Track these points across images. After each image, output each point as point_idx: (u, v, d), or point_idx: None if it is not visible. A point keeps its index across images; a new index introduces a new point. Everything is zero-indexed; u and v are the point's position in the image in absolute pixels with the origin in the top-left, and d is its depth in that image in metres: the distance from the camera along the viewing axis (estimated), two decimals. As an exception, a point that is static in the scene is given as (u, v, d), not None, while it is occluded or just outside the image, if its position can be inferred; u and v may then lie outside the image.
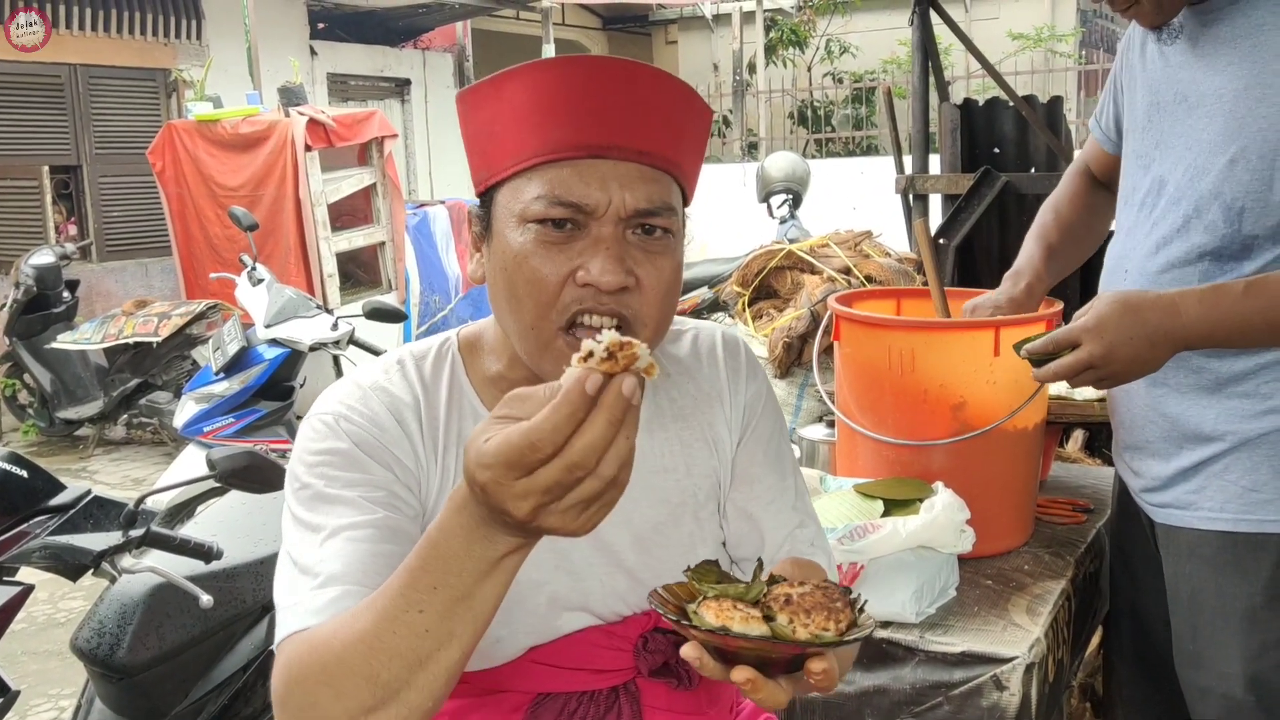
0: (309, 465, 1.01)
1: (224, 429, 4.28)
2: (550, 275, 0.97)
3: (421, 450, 1.05)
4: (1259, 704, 1.48)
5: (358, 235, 7.63)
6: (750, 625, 0.86)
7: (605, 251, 0.97)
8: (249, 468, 1.91)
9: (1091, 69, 12.18)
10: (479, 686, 1.09)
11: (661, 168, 1.01)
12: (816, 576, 1.06)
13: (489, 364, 1.10)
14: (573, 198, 0.97)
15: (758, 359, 1.23)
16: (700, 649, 0.86)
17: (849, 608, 0.89)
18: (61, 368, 6.56)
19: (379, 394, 1.06)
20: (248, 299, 4.60)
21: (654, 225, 1.00)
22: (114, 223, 8.62)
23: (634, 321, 0.99)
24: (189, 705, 2.11)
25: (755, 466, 1.19)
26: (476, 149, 1.03)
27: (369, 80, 11.13)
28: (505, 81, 1.00)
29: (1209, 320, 1.42)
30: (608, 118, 0.98)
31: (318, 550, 0.95)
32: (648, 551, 1.10)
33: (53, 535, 1.82)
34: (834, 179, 10.41)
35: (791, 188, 6.14)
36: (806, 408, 2.79)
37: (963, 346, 1.75)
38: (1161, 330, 1.42)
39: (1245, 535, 1.49)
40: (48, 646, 3.98)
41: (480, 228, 1.05)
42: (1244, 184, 1.45)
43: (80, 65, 8.31)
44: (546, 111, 0.98)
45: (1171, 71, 1.56)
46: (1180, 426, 1.55)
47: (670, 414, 1.16)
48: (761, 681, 0.85)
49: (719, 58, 14.90)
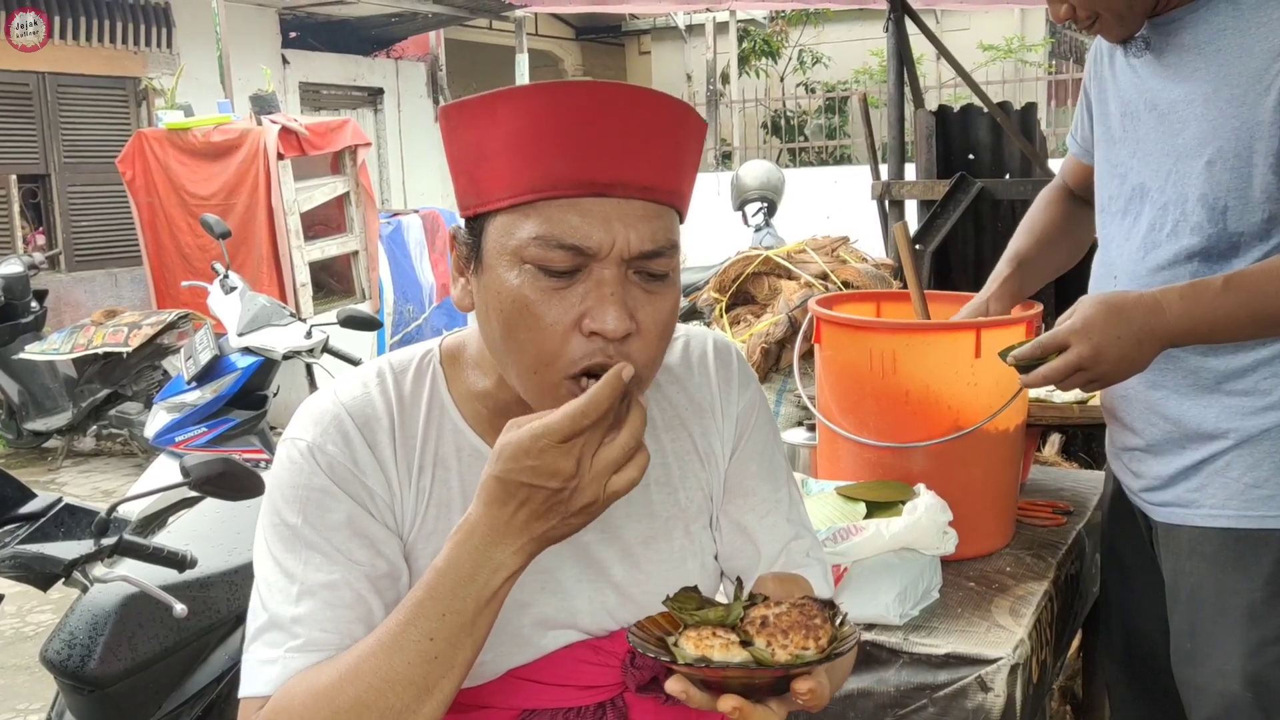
0: (287, 500, 1.00)
1: (196, 439, 4.23)
2: (554, 324, 0.92)
3: (395, 476, 1.03)
4: (1256, 701, 1.49)
5: (331, 244, 7.57)
6: (730, 652, 0.85)
7: (611, 298, 0.92)
8: (224, 474, 1.87)
9: (1061, 79, 12.30)
10: (462, 703, 1.06)
11: (664, 201, 0.96)
12: (799, 590, 1.04)
13: (473, 379, 1.07)
14: (574, 240, 0.91)
15: (750, 367, 1.21)
16: (685, 682, 0.86)
17: (828, 623, 0.88)
18: (29, 378, 6.47)
19: (354, 415, 1.03)
20: (220, 307, 4.55)
21: (657, 270, 0.96)
22: (83, 232, 8.52)
23: (639, 370, 0.94)
24: (162, 717, 2.07)
25: (749, 479, 1.16)
26: (463, 170, 0.97)
27: (341, 89, 11.07)
28: (499, 102, 0.93)
29: (1192, 316, 1.43)
30: (610, 152, 0.92)
31: (293, 606, 0.96)
32: (637, 566, 1.08)
33: (22, 544, 1.78)
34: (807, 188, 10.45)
35: (767, 196, 6.14)
36: (785, 413, 2.79)
37: (944, 349, 1.75)
38: (1147, 328, 1.43)
39: (1247, 531, 1.50)
40: (15, 660, 3.91)
41: (467, 253, 0.99)
42: (1225, 183, 1.47)
43: (49, 73, 8.21)
44: (544, 142, 0.91)
45: (1140, 81, 1.59)
46: (1182, 426, 1.56)
47: (662, 425, 1.13)
48: (749, 708, 0.85)
49: (692, 68, 14.94)
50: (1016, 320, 1.77)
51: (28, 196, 8.24)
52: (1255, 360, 1.49)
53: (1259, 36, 1.44)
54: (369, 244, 7.76)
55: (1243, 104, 1.44)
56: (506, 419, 0.95)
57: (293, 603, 0.96)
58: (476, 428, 1.06)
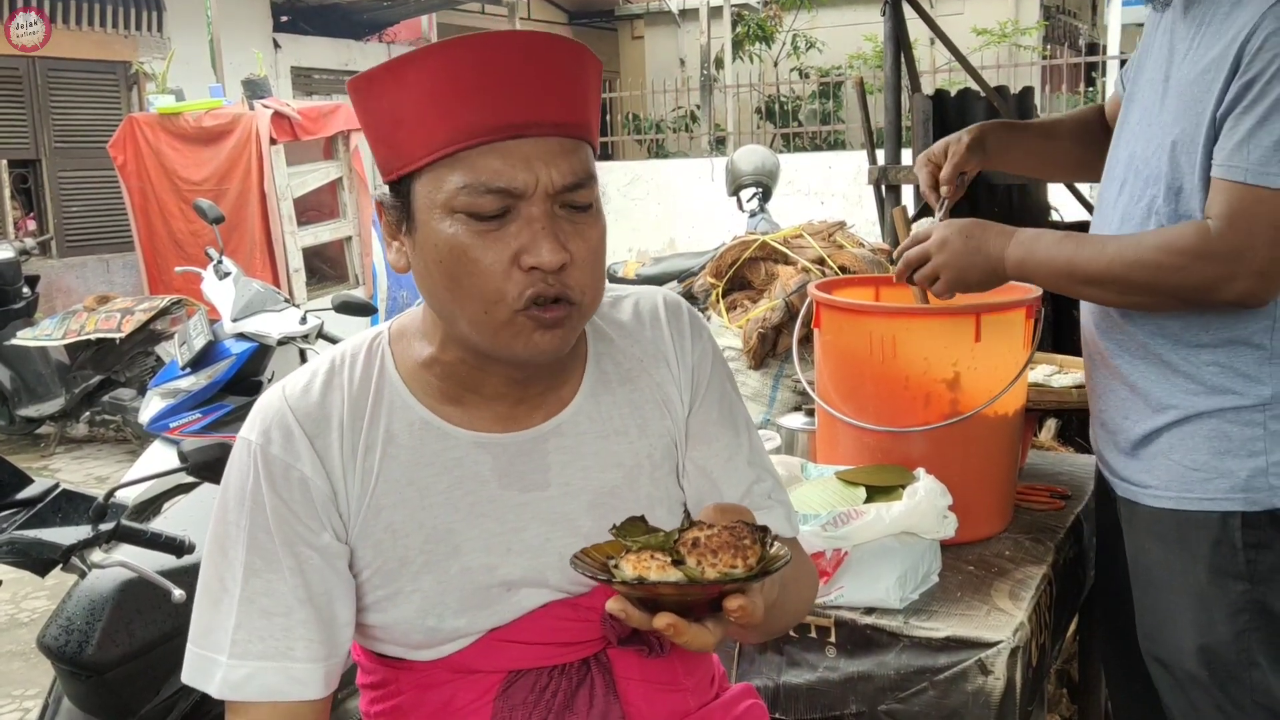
0: (236, 497, 1.05)
1: (191, 424, 4.21)
2: (493, 264, 0.98)
3: (338, 463, 1.06)
4: (1211, 678, 1.52)
5: (324, 230, 7.56)
6: (665, 573, 0.89)
7: (542, 233, 0.98)
8: (221, 459, 1.87)
9: (1056, 63, 12.27)
10: (449, 668, 1.09)
11: (577, 135, 1.01)
12: (743, 517, 1.06)
13: (418, 350, 1.10)
14: (500, 183, 0.96)
15: (701, 318, 1.23)
16: (624, 601, 0.90)
17: (758, 545, 0.91)
18: (21, 365, 6.44)
19: (297, 407, 1.07)
20: (214, 293, 4.53)
21: (580, 202, 1.01)
22: (74, 217, 8.48)
23: (575, 296, 1.01)
24: (160, 703, 2.06)
25: (710, 425, 1.19)
26: (380, 137, 1.02)
27: (333, 74, 11.02)
28: (405, 66, 0.98)
29: (1026, 248, 1.58)
30: (520, 94, 0.97)
31: (234, 612, 1.03)
32: (605, 517, 1.09)
33: (20, 530, 1.78)
34: (801, 173, 10.44)
35: (761, 181, 6.12)
36: (781, 398, 2.78)
37: (943, 333, 1.75)
38: (990, 245, 1.60)
39: (1188, 513, 1.53)
40: (10, 647, 3.91)
41: (397, 216, 1.03)
42: (1182, 167, 1.48)
43: (40, 57, 8.15)
44: (457, 95, 0.96)
45: (1164, 49, 1.58)
46: (1137, 392, 1.59)
47: (616, 377, 1.16)
48: (683, 625, 0.89)
49: (686, 53, 14.88)
50: (1014, 304, 1.77)
51: (18, 181, 8.20)
52: (1198, 344, 1.52)
53: (1235, 18, 1.43)
54: (362, 229, 7.75)
55: (1204, 87, 1.45)
56: (456, 384, 1.06)
57: (234, 608, 1.03)
58: (425, 401, 1.09)
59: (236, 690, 1.02)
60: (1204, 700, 1.53)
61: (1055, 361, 2.34)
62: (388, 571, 1.07)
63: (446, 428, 1.08)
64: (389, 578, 1.06)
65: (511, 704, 1.09)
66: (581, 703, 1.10)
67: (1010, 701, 1.48)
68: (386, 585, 1.07)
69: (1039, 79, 11.91)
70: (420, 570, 1.06)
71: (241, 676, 1.02)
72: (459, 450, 1.08)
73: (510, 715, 1.08)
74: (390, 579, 1.06)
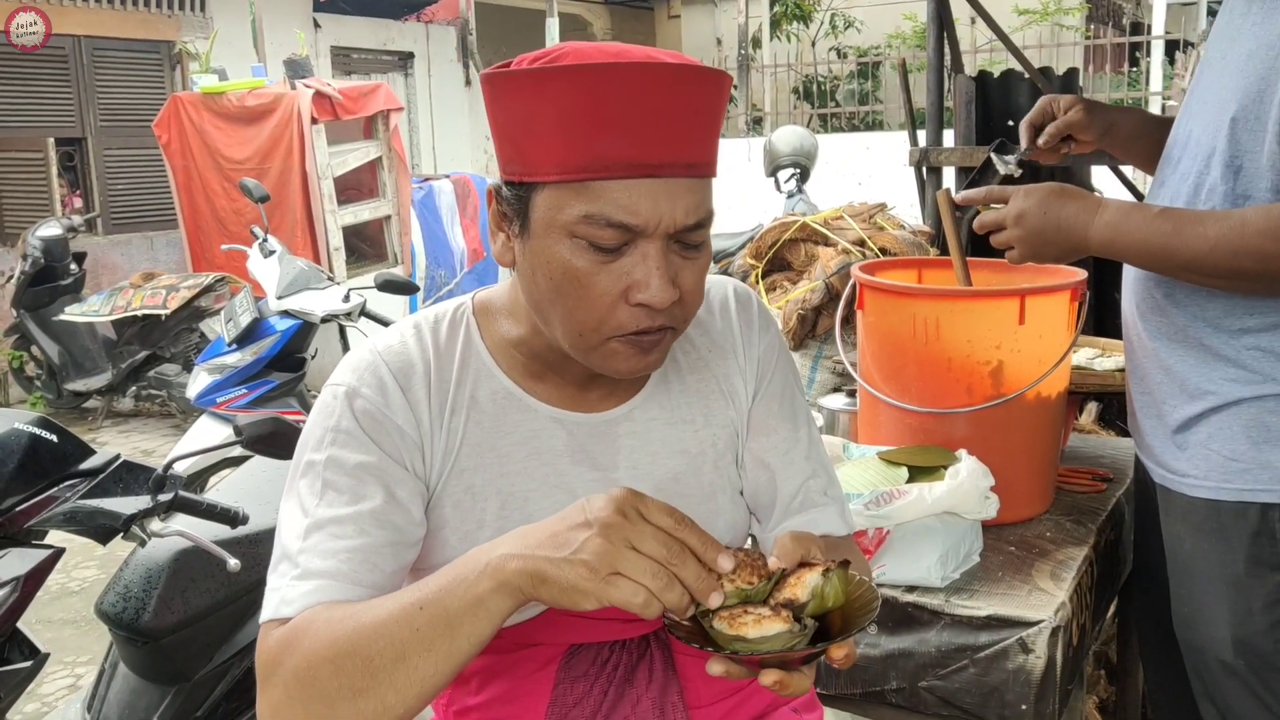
0: (317, 439, 1.06)
1: (237, 400, 4.28)
2: (602, 294, 0.99)
3: (428, 418, 1.08)
4: (1248, 667, 1.51)
5: (364, 209, 7.61)
6: (763, 627, 0.90)
7: (657, 271, 0.98)
8: (274, 434, 1.91)
9: (1099, 43, 12.09)
10: (511, 641, 1.12)
11: (705, 175, 1.01)
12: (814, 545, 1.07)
13: (506, 328, 1.13)
14: (623, 219, 0.96)
15: (769, 311, 1.26)
16: (725, 662, 0.89)
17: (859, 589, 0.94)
18: (69, 340, 6.57)
19: (390, 360, 1.09)
20: (259, 271, 4.59)
21: (695, 241, 1.01)
22: (119, 195, 8.59)
23: (678, 325, 1.04)
24: (213, 669, 2.12)
25: (771, 418, 1.21)
26: (509, 138, 1.00)
27: (372, 54, 11.07)
28: (549, 79, 0.95)
29: (1115, 227, 1.51)
30: (659, 134, 0.95)
31: (301, 540, 1.00)
32: (668, 501, 1.12)
33: (83, 499, 1.83)
34: (839, 154, 10.37)
35: (799, 162, 6.09)
36: (820, 379, 2.80)
37: (987, 315, 1.76)
38: (1075, 218, 1.54)
39: (1227, 504, 1.51)
40: (62, 614, 4.01)
41: (510, 213, 1.03)
42: (1243, 143, 1.45)
43: (84, 37, 8.26)
44: (597, 124, 0.94)
45: (1224, 26, 1.56)
46: (1174, 377, 1.57)
47: (686, 366, 1.19)
48: (788, 680, 0.89)
49: (722, 32, 14.81)
50: (1058, 288, 1.78)
51: (65, 160, 8.31)
52: (1241, 329, 1.48)
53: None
54: (401, 209, 7.80)
55: (1268, 63, 1.42)
56: (540, 364, 1.08)
57: (301, 536, 1.01)
58: (510, 374, 1.12)
59: (291, 604, 0.98)
60: (1239, 689, 1.53)
61: (1098, 345, 2.33)
62: (464, 532, 1.09)
63: (528, 400, 1.12)
64: (465, 538, 1.09)
65: (573, 675, 1.12)
66: (641, 676, 1.13)
67: (1050, 680, 1.49)
68: (462, 545, 1.08)
69: (1081, 59, 11.75)
70: (494, 535, 1.09)
71: (300, 593, 0.98)
72: (537, 423, 1.11)
73: (572, 687, 1.12)
74: (467, 539, 1.08)
